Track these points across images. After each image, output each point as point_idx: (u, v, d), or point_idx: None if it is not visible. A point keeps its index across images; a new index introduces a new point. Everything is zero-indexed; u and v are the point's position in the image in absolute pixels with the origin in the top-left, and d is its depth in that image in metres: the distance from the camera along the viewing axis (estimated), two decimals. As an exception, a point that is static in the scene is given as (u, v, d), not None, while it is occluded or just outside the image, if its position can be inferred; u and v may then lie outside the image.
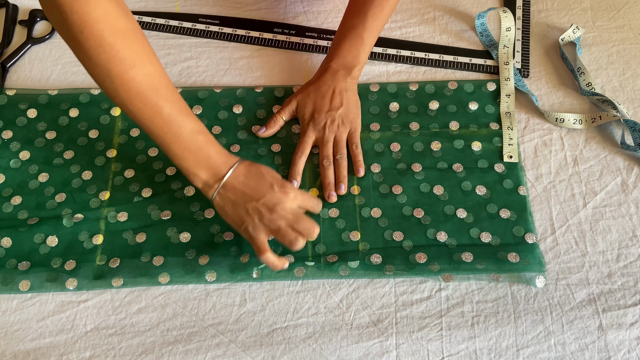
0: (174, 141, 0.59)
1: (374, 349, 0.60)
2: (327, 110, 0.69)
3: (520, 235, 0.65)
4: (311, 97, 0.71)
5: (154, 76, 0.58)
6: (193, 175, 0.61)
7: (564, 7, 0.82)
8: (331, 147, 0.69)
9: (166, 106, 0.58)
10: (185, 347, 0.60)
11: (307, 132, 0.70)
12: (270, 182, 0.61)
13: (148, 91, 0.57)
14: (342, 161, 0.69)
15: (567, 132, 0.72)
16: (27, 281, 0.63)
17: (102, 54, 0.54)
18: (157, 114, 0.58)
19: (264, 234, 0.60)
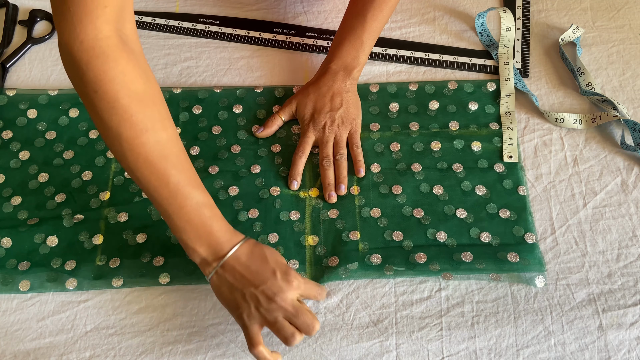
0: (177, 212, 0.55)
1: (374, 349, 0.60)
2: (328, 111, 0.70)
3: (520, 235, 0.65)
4: (311, 97, 0.71)
5: (166, 144, 0.55)
6: (192, 251, 0.57)
7: (564, 7, 0.82)
8: (331, 147, 0.69)
9: (174, 175, 0.54)
10: (185, 347, 0.60)
11: (307, 133, 0.70)
12: (274, 268, 0.56)
13: (157, 159, 0.54)
14: (342, 161, 0.68)
15: (567, 132, 0.72)
16: (27, 281, 0.63)
17: (114, 115, 0.52)
18: (164, 183, 0.54)
19: (258, 325, 0.55)
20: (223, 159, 0.70)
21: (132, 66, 0.52)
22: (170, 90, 0.75)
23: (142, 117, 0.53)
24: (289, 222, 0.66)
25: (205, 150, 0.71)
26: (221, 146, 0.72)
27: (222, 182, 0.68)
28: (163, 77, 0.77)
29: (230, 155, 0.71)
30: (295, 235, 0.65)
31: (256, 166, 0.70)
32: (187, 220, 0.56)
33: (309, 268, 0.63)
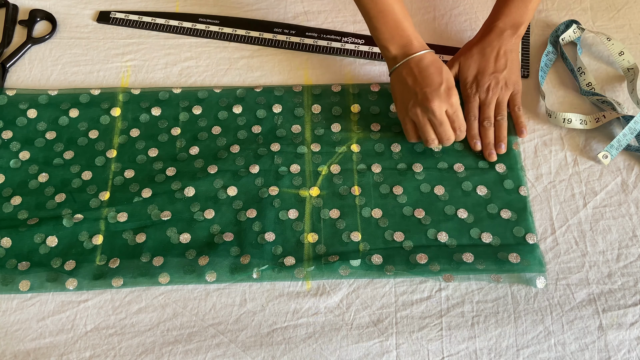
0: (377, 17, 0.66)
1: (374, 349, 0.60)
2: (492, 72, 0.70)
3: (520, 235, 0.65)
4: (475, 58, 0.71)
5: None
6: (384, 48, 0.68)
7: (564, 7, 0.82)
8: (493, 108, 0.70)
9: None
10: (185, 347, 0.60)
11: (471, 96, 0.71)
12: (442, 81, 0.64)
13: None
14: (503, 122, 0.70)
15: (567, 132, 0.72)
16: (27, 281, 0.63)
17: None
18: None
19: (411, 122, 0.67)
20: (222, 158, 0.70)
21: None
22: (170, 90, 0.75)
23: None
24: (288, 221, 0.66)
25: (205, 150, 0.71)
26: (221, 146, 0.72)
27: (221, 182, 0.68)
28: (163, 77, 0.77)
29: (230, 155, 0.71)
30: (295, 234, 0.65)
31: (255, 166, 0.69)
32: (384, 22, 0.67)
33: (307, 266, 0.63)
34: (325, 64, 0.78)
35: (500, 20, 0.71)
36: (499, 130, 0.70)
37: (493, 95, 0.70)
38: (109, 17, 0.82)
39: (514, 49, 0.71)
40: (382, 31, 0.67)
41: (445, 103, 0.64)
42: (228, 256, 0.64)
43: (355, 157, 0.70)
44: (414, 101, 0.65)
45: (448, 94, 0.64)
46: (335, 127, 0.73)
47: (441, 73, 0.65)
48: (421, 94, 0.64)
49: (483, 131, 0.70)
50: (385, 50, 0.68)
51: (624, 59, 0.75)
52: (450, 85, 0.64)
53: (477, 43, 0.72)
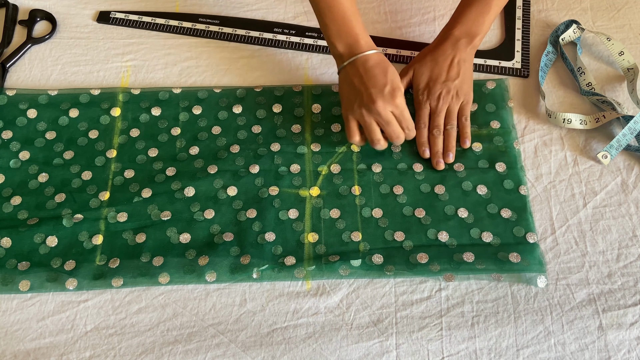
0: (326, 12, 0.66)
1: (374, 349, 0.60)
2: (444, 81, 0.70)
3: (520, 235, 0.65)
4: (428, 66, 0.71)
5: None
6: (332, 45, 0.68)
7: (564, 7, 0.82)
8: (443, 117, 0.70)
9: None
10: (185, 347, 0.60)
11: (422, 103, 0.71)
12: (386, 82, 0.64)
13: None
14: (452, 131, 0.70)
15: (567, 132, 0.72)
16: (27, 281, 0.63)
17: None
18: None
19: (355, 121, 0.66)
20: (222, 158, 0.70)
21: None
22: (170, 90, 0.75)
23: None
24: (288, 221, 0.66)
25: (204, 150, 0.71)
26: (221, 146, 0.72)
27: (221, 182, 0.68)
28: (163, 77, 0.77)
29: (230, 155, 0.71)
30: (295, 234, 0.65)
31: (255, 166, 0.69)
32: (332, 19, 0.66)
33: (308, 266, 0.63)
34: (325, 64, 0.78)
35: (456, 29, 0.71)
36: (448, 139, 0.70)
37: (444, 103, 0.70)
38: (109, 17, 0.82)
39: (467, 59, 0.71)
40: (330, 27, 0.67)
41: (390, 104, 0.64)
42: (228, 256, 0.64)
43: (355, 157, 0.70)
44: (360, 102, 0.65)
45: (393, 95, 0.64)
46: (335, 127, 0.73)
47: (386, 74, 0.64)
48: (366, 94, 0.64)
49: (432, 139, 0.70)
50: (333, 47, 0.68)
51: (624, 59, 0.75)
52: (395, 87, 0.64)
53: (431, 51, 0.72)
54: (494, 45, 0.80)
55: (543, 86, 0.75)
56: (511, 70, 0.77)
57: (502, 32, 0.81)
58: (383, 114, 0.64)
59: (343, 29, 0.66)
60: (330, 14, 0.66)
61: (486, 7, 0.70)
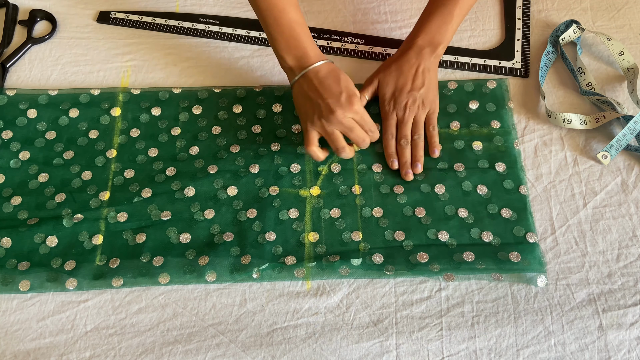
0: (273, 25, 0.66)
1: (374, 349, 0.60)
2: (409, 90, 0.70)
3: (520, 235, 0.65)
4: (393, 75, 0.71)
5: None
6: (281, 58, 0.67)
7: (564, 7, 0.82)
8: (410, 127, 0.70)
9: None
10: (185, 347, 0.60)
11: (388, 113, 0.70)
12: (341, 90, 0.64)
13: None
14: (419, 141, 0.69)
15: (567, 132, 0.72)
16: (27, 281, 0.63)
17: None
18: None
19: (315, 132, 0.65)
20: (222, 158, 0.70)
21: None
22: (170, 90, 0.75)
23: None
24: (289, 221, 0.66)
25: (204, 150, 0.71)
26: (221, 146, 0.72)
27: (221, 182, 0.68)
28: (163, 77, 0.77)
29: (230, 155, 0.71)
30: (295, 233, 0.65)
31: (255, 166, 0.69)
32: (280, 32, 0.66)
33: (308, 265, 0.63)
34: (325, 64, 0.78)
35: (420, 38, 0.71)
36: (416, 149, 0.69)
37: (410, 113, 0.70)
38: (109, 17, 0.82)
39: (431, 68, 0.71)
40: (278, 41, 0.66)
41: (349, 111, 0.63)
42: (228, 256, 0.64)
43: (356, 157, 0.70)
44: (319, 113, 0.64)
45: (350, 102, 0.63)
46: (335, 127, 0.73)
47: (339, 82, 0.64)
48: (324, 105, 0.63)
49: (400, 150, 0.69)
50: (282, 60, 0.67)
51: (624, 59, 0.75)
52: (350, 93, 0.64)
53: (396, 60, 0.72)
54: (494, 45, 0.80)
55: (543, 86, 0.75)
56: (511, 70, 0.77)
57: (502, 32, 0.81)
58: (344, 121, 0.63)
59: (291, 42, 0.66)
60: (277, 26, 0.66)
61: (448, 17, 0.70)
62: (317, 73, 0.65)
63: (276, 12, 0.65)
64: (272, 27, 0.66)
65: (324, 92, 0.64)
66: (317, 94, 0.64)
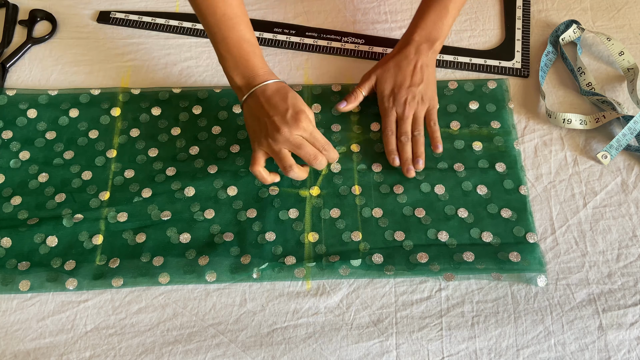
0: (221, 43, 0.64)
1: (374, 349, 0.60)
2: (408, 86, 0.69)
3: (520, 235, 0.65)
4: (391, 72, 0.70)
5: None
6: (230, 78, 0.65)
7: (564, 7, 0.82)
8: (410, 123, 0.69)
9: (220, 8, 0.62)
10: (185, 347, 0.60)
11: (388, 110, 0.70)
12: (287, 107, 0.62)
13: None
14: (419, 137, 0.69)
15: (567, 132, 0.72)
16: (27, 281, 0.63)
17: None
18: (211, 12, 0.63)
19: (263, 151, 0.63)
20: (222, 158, 0.70)
21: None
22: (170, 90, 0.75)
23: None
24: (289, 220, 0.66)
25: (204, 150, 0.71)
26: (221, 146, 0.72)
27: (221, 182, 0.68)
28: (163, 77, 0.77)
29: (230, 155, 0.71)
30: (295, 233, 0.65)
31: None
32: (227, 49, 0.64)
33: (308, 265, 0.63)
34: (325, 64, 0.78)
35: (417, 34, 0.71)
36: (416, 145, 0.69)
37: (410, 109, 0.69)
38: (109, 17, 0.82)
39: (430, 64, 0.71)
40: (227, 59, 0.64)
41: (295, 129, 0.61)
42: (228, 256, 0.64)
43: (356, 157, 0.71)
44: (265, 132, 0.62)
45: (296, 119, 0.61)
46: (335, 127, 0.73)
47: (286, 99, 0.62)
48: (270, 123, 0.62)
49: (401, 146, 0.69)
50: (231, 80, 0.65)
51: (624, 59, 0.75)
52: (297, 110, 0.62)
53: (394, 56, 0.71)
54: (494, 45, 0.80)
55: (543, 86, 0.75)
56: (511, 70, 0.77)
57: (502, 32, 0.81)
58: (291, 139, 0.61)
59: (240, 62, 0.64)
60: (226, 45, 0.64)
61: (444, 12, 0.70)
62: (264, 91, 0.63)
63: (225, 29, 0.63)
64: (221, 45, 0.64)
65: (270, 110, 0.62)
66: (263, 112, 0.62)
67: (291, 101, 0.62)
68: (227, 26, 0.63)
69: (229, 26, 0.63)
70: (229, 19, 0.63)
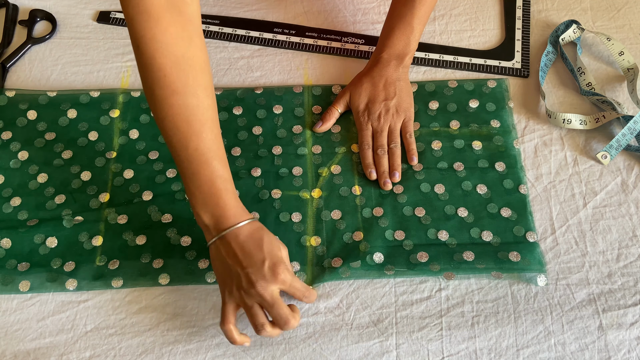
0: (191, 177, 0.57)
1: (374, 349, 0.60)
2: (382, 100, 0.70)
3: (520, 234, 0.65)
4: (365, 87, 0.71)
5: (193, 110, 0.56)
6: (197, 215, 0.58)
7: (564, 7, 0.82)
8: (386, 136, 0.70)
9: (193, 142, 0.56)
10: (185, 347, 0.60)
11: (363, 124, 0.70)
12: (265, 256, 0.56)
13: (181, 122, 0.56)
14: (396, 150, 0.69)
15: (567, 132, 0.72)
16: (27, 281, 0.63)
17: (149, 72, 0.55)
18: (183, 146, 0.56)
19: (234, 304, 0.57)
20: (223, 159, 0.70)
21: (175, 28, 0.54)
22: (170, 90, 0.75)
23: (174, 78, 0.55)
24: (289, 223, 0.66)
25: (205, 150, 0.71)
26: (221, 146, 0.72)
27: (222, 183, 0.68)
28: (163, 77, 0.77)
29: (230, 156, 0.71)
30: (296, 236, 0.65)
31: (256, 169, 0.69)
32: (198, 186, 0.57)
33: (310, 269, 0.63)
34: (325, 64, 0.78)
35: (385, 52, 0.71)
36: (393, 158, 0.69)
37: (385, 122, 0.70)
38: (109, 17, 0.82)
39: (401, 78, 0.71)
40: (195, 195, 0.57)
41: (273, 283, 0.55)
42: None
43: (356, 158, 0.71)
44: (238, 284, 0.56)
45: (274, 272, 0.55)
46: (335, 128, 0.73)
47: (262, 247, 0.56)
48: (244, 276, 0.55)
49: (377, 159, 0.69)
50: (198, 217, 0.58)
51: (624, 59, 0.75)
52: (275, 261, 0.56)
53: (366, 74, 0.72)
54: (494, 45, 0.80)
55: (543, 86, 0.75)
56: (511, 70, 0.77)
57: (502, 32, 0.81)
58: (265, 296, 0.55)
59: (209, 200, 0.57)
60: (197, 180, 0.57)
61: (408, 29, 0.71)
62: (237, 237, 0.56)
63: (196, 165, 0.57)
64: (191, 180, 0.57)
65: (244, 259, 0.55)
66: (236, 261, 0.56)
67: (267, 249, 0.56)
68: (199, 162, 0.57)
69: (202, 162, 0.57)
70: (202, 154, 0.57)
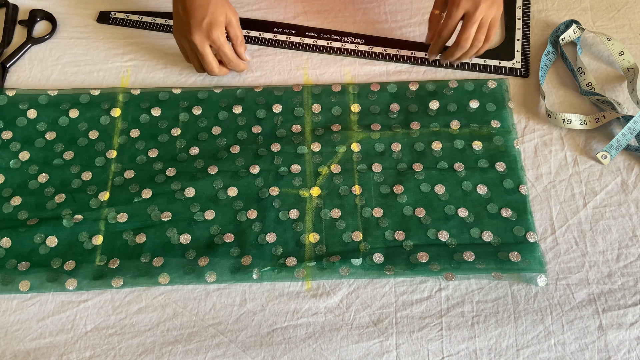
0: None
1: (374, 349, 0.60)
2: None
3: (520, 234, 0.65)
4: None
5: None
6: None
7: (564, 7, 0.82)
8: (475, 29, 0.67)
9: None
10: (185, 347, 0.60)
11: (460, 3, 0.66)
12: (205, 15, 0.66)
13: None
14: (473, 49, 0.70)
15: (567, 132, 0.72)
16: (27, 281, 0.63)
17: None
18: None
19: (188, 47, 0.70)
20: (222, 159, 0.70)
21: None
22: (170, 90, 0.75)
23: None
24: (289, 221, 0.66)
25: (205, 150, 0.71)
26: (221, 146, 0.72)
27: (221, 183, 0.68)
28: (163, 77, 0.77)
29: (230, 155, 0.71)
30: (295, 234, 0.65)
31: (255, 166, 0.69)
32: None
33: (308, 266, 0.63)
34: (325, 64, 0.78)
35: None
36: (465, 55, 0.71)
37: (479, 12, 0.66)
38: (109, 17, 0.82)
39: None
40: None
41: (207, 38, 0.67)
42: (228, 257, 0.64)
43: (356, 157, 0.71)
44: (182, 30, 0.68)
45: (209, 29, 0.66)
46: (335, 127, 0.73)
47: (208, 7, 0.66)
48: (186, 24, 0.67)
49: (453, 48, 0.69)
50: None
51: (624, 59, 0.75)
52: (213, 21, 0.66)
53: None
54: (494, 45, 0.80)
55: (543, 86, 0.75)
56: (511, 70, 0.77)
57: (502, 32, 0.81)
58: (199, 47, 0.67)
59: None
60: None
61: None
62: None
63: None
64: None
65: (191, 11, 0.66)
66: (184, 10, 0.67)
67: (211, 9, 0.66)
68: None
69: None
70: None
